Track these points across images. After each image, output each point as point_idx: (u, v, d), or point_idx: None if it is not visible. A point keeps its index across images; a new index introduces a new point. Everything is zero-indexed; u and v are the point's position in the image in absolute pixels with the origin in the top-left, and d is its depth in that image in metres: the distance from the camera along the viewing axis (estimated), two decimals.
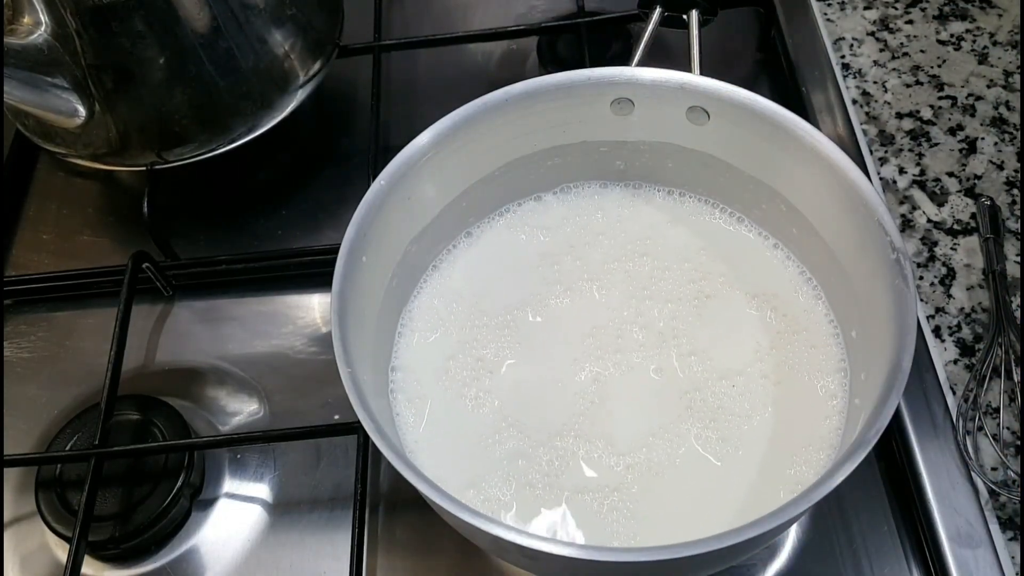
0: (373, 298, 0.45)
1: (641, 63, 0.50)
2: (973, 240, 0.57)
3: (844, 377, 0.44)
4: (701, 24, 0.52)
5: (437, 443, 0.45)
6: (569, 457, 0.44)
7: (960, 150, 0.61)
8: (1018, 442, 0.49)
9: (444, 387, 0.46)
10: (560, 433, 0.44)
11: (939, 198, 0.59)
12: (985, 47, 0.67)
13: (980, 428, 0.49)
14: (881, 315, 0.40)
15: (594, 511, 0.42)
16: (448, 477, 0.43)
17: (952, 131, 0.62)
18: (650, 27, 0.53)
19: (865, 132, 0.62)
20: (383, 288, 0.46)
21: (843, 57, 0.67)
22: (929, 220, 0.58)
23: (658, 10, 0.53)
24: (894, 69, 0.66)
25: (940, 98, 0.64)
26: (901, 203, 0.59)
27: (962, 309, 0.54)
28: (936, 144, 0.62)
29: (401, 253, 0.47)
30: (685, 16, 0.53)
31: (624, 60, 0.65)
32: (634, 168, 0.51)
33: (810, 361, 0.45)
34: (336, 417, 0.53)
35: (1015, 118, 0.63)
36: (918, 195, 0.59)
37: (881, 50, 0.67)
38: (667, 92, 0.46)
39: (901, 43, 0.68)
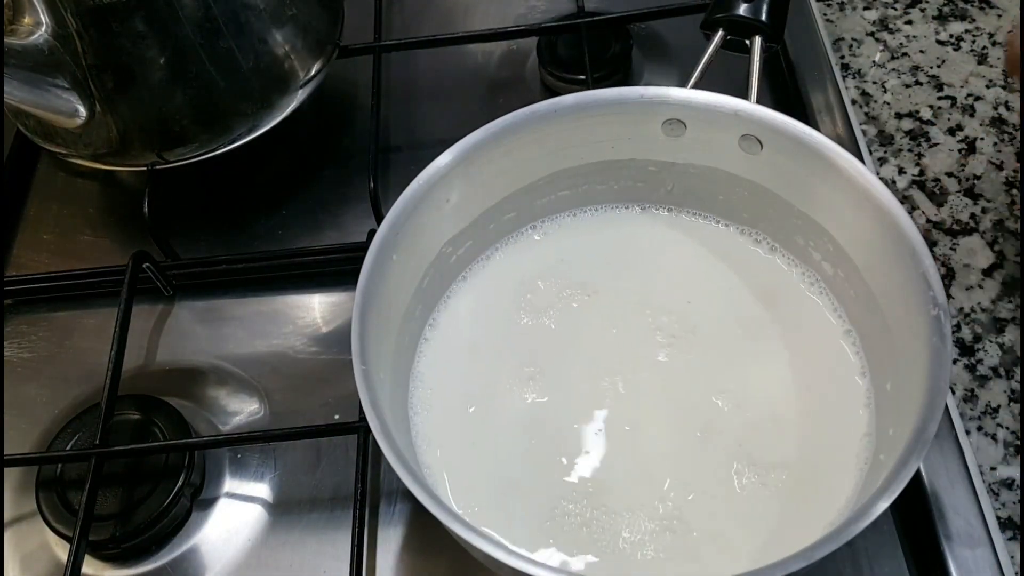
0: (399, 299, 0.45)
1: (697, 86, 0.48)
2: (973, 240, 0.57)
3: (871, 432, 0.43)
4: (763, 51, 0.50)
5: (448, 456, 0.44)
6: (581, 497, 0.43)
7: (959, 150, 0.62)
8: (1018, 442, 0.49)
9: (463, 401, 0.46)
10: (566, 476, 0.43)
11: (938, 198, 0.59)
12: (984, 47, 0.67)
13: (980, 428, 0.49)
14: (915, 373, 0.38)
15: (592, 544, 0.41)
16: (452, 490, 0.43)
17: (951, 131, 0.63)
18: (710, 49, 0.51)
19: (864, 132, 0.62)
20: (412, 289, 0.46)
21: (842, 57, 0.67)
22: (928, 220, 0.58)
23: (720, 33, 0.51)
24: (893, 69, 0.66)
25: (939, 98, 0.64)
26: (900, 203, 0.59)
27: (961, 309, 0.54)
28: (935, 144, 0.62)
29: (435, 254, 0.47)
30: (747, 41, 0.51)
31: (624, 60, 0.65)
32: (681, 191, 0.50)
33: (839, 411, 0.44)
34: (336, 417, 0.53)
35: (1014, 118, 0.63)
36: (917, 195, 0.59)
37: (881, 50, 0.68)
38: (720, 117, 0.45)
39: (900, 43, 0.68)
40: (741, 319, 0.47)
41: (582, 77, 0.62)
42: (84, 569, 0.48)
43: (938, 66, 0.66)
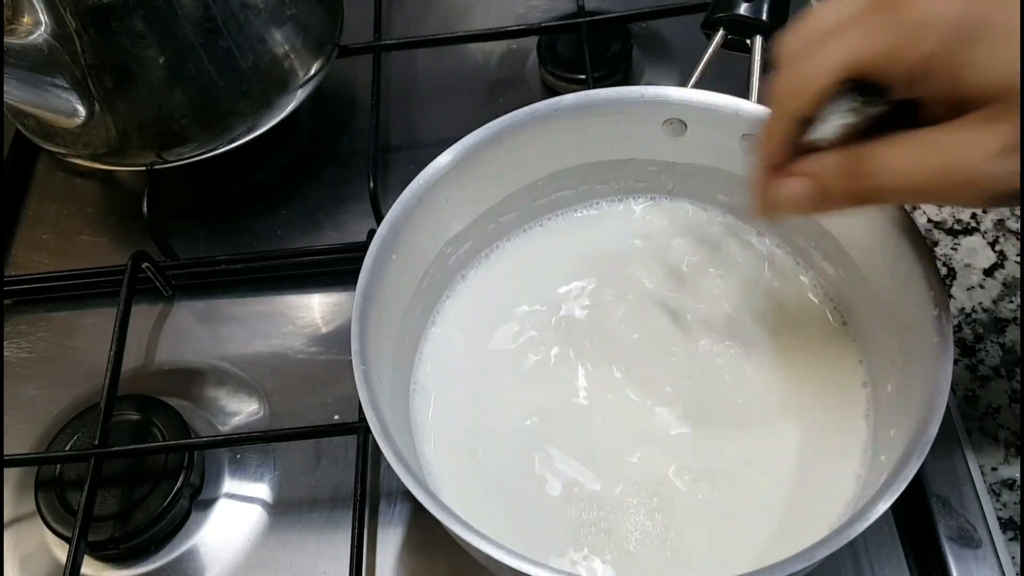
0: (399, 299, 0.45)
1: (698, 85, 0.48)
2: (973, 240, 0.57)
3: (869, 432, 0.43)
4: (764, 51, 0.50)
5: (449, 457, 0.44)
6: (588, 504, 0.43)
7: None
8: (1019, 442, 0.49)
9: (465, 405, 0.46)
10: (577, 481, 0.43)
11: None
12: None
13: (981, 428, 0.49)
14: (916, 373, 0.38)
15: (596, 549, 0.42)
16: (453, 492, 0.43)
17: None
18: (711, 49, 0.51)
19: None
20: (412, 289, 0.46)
21: None
22: (929, 220, 0.58)
23: (721, 32, 0.51)
24: None
25: None
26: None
27: (962, 309, 0.54)
28: None
29: (435, 254, 0.47)
30: (748, 41, 0.51)
31: (625, 60, 0.65)
32: (682, 191, 0.50)
33: (837, 413, 0.44)
34: (336, 417, 0.53)
35: None
36: None
37: None
38: (721, 117, 0.45)
39: None
40: (744, 317, 0.47)
41: (582, 77, 0.62)
42: (83, 569, 0.47)
43: None
